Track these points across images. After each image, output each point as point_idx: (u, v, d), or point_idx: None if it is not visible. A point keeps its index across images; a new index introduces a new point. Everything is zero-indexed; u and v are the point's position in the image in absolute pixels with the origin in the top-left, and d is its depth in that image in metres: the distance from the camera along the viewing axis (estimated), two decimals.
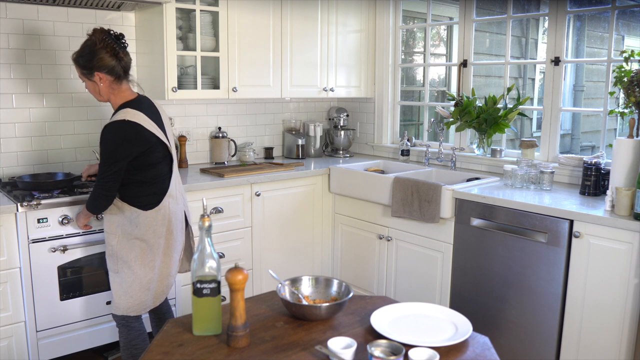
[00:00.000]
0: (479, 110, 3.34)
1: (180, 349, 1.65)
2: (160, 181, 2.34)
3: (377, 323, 1.76)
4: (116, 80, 2.27)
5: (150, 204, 2.30)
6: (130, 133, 2.20)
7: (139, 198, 2.29)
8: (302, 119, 4.15)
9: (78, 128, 3.15)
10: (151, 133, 2.24)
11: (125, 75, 2.29)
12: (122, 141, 2.19)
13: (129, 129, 2.19)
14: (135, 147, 2.21)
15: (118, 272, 2.34)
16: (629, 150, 2.44)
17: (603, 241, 2.35)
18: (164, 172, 2.35)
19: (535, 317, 2.59)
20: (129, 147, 2.19)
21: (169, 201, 2.34)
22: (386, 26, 3.93)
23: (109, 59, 2.22)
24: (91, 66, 2.23)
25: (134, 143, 2.20)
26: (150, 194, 2.31)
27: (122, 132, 2.19)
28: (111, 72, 2.24)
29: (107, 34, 2.25)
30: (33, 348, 2.55)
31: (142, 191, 2.30)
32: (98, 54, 2.22)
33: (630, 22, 4.21)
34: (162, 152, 2.32)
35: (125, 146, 2.19)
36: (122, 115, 2.20)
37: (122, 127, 2.19)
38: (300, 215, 3.46)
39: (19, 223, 2.46)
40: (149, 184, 2.30)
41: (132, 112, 2.22)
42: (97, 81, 2.25)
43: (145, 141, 2.23)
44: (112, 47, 2.23)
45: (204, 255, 1.68)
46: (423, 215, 2.96)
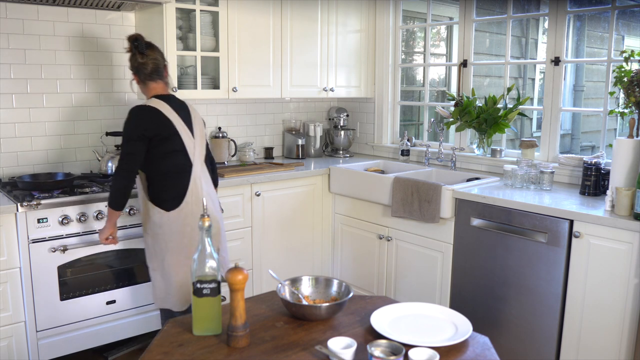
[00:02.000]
0: (479, 110, 3.34)
1: (180, 349, 1.65)
2: (179, 177, 2.44)
3: (377, 323, 1.76)
4: (142, 80, 2.50)
5: (172, 205, 2.42)
6: (148, 115, 2.39)
7: (162, 197, 2.43)
8: (302, 119, 4.15)
9: (78, 128, 3.15)
10: (169, 120, 2.41)
11: (150, 76, 2.49)
12: (139, 121, 2.38)
13: (147, 111, 2.40)
14: (151, 128, 2.37)
15: (155, 269, 2.49)
16: (629, 150, 2.44)
17: (603, 241, 2.35)
18: (181, 165, 2.45)
19: (535, 317, 2.59)
20: (144, 128, 2.36)
21: (191, 200, 2.44)
22: (386, 26, 3.93)
23: (133, 61, 2.48)
24: (130, 67, 2.52)
25: (150, 124, 2.38)
26: (173, 190, 2.43)
27: (140, 113, 2.40)
28: (136, 72, 2.49)
29: (131, 39, 2.47)
30: (33, 348, 2.55)
31: (162, 189, 2.42)
32: (130, 57, 2.49)
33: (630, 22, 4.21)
34: (179, 144, 2.44)
35: (140, 126, 2.37)
36: (146, 102, 2.45)
37: (141, 109, 2.42)
38: (300, 215, 3.46)
39: (19, 223, 2.46)
40: (170, 177, 2.42)
41: (154, 100, 2.45)
42: (133, 80, 2.54)
43: (161, 124, 2.39)
44: (134, 51, 2.47)
45: (204, 255, 1.68)
46: (423, 215, 2.96)
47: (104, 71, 3.20)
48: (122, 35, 3.22)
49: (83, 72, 3.13)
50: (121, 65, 3.25)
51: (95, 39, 3.15)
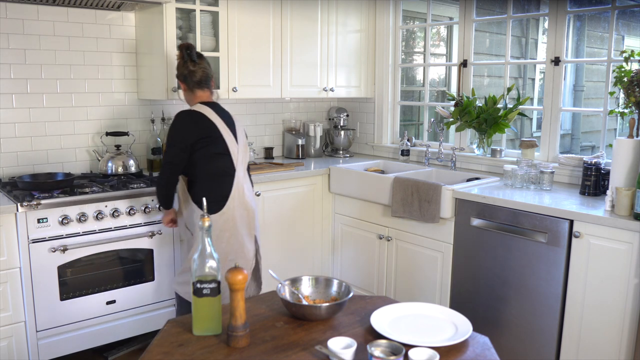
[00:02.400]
0: (479, 110, 3.34)
1: (180, 349, 1.65)
2: (222, 181, 2.49)
3: (377, 323, 1.76)
4: (189, 87, 2.56)
5: (214, 207, 2.45)
6: (192, 119, 2.46)
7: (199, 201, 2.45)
8: (302, 119, 4.15)
9: (78, 128, 3.15)
10: (214, 124, 2.47)
11: (198, 84, 2.56)
12: (184, 125, 2.45)
13: (192, 116, 2.47)
14: (196, 131, 2.43)
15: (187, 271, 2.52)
16: (629, 150, 2.44)
17: (603, 241, 2.35)
18: (225, 169, 2.50)
19: (535, 317, 2.59)
20: (189, 132, 2.43)
21: (233, 205, 2.47)
22: (386, 26, 3.93)
23: (183, 70, 2.55)
24: (176, 76, 2.62)
25: (195, 128, 2.44)
26: (214, 195, 2.47)
27: (185, 118, 2.47)
28: (184, 81, 2.56)
29: (185, 48, 2.55)
30: (33, 348, 2.55)
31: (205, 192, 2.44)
32: (179, 65, 2.57)
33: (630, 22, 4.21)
34: (223, 147, 2.49)
35: (186, 130, 2.44)
36: (191, 107, 2.53)
37: (186, 113, 2.49)
38: (300, 215, 3.46)
39: (19, 223, 2.46)
40: (212, 179, 2.46)
41: (200, 105, 2.51)
42: (181, 87, 2.61)
43: (205, 127, 2.45)
44: (184, 59, 2.55)
45: (204, 255, 1.68)
46: (423, 215, 2.96)
47: (104, 71, 3.20)
48: (122, 36, 3.23)
49: (83, 72, 3.13)
50: (121, 66, 3.25)
51: (95, 39, 3.15)
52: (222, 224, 2.46)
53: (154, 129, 3.36)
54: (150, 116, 3.38)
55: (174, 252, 2.91)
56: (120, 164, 3.04)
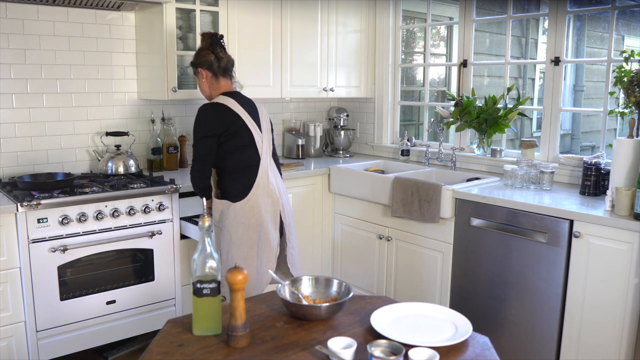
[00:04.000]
0: (479, 110, 3.34)
1: (180, 349, 1.65)
2: (247, 168, 2.52)
3: (377, 323, 1.76)
4: (214, 75, 2.57)
5: (239, 196, 2.49)
6: (216, 112, 2.47)
7: (231, 188, 2.51)
8: (302, 119, 4.15)
9: (78, 128, 3.15)
10: (237, 115, 2.48)
11: (223, 73, 2.58)
12: (210, 118, 2.47)
13: (215, 108, 2.48)
14: (222, 124, 2.45)
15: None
16: (629, 150, 2.44)
17: (603, 241, 2.35)
18: (250, 160, 2.52)
19: (535, 317, 2.59)
20: (215, 124, 2.45)
21: (257, 193, 2.50)
22: (386, 26, 3.93)
23: (209, 56, 2.55)
24: (197, 63, 2.59)
25: (221, 120, 2.46)
26: (240, 183, 2.51)
27: (209, 111, 2.48)
28: (210, 67, 2.56)
29: (212, 35, 2.58)
30: (33, 348, 2.55)
31: (231, 183, 2.51)
32: (202, 52, 2.57)
33: (630, 22, 4.21)
34: (248, 139, 2.51)
35: (211, 123, 2.46)
36: (215, 99, 2.53)
37: (210, 106, 2.50)
38: (300, 215, 3.46)
39: (19, 223, 2.46)
40: (238, 171, 2.50)
41: (223, 97, 2.53)
42: (201, 76, 2.58)
43: (229, 120, 2.47)
44: (213, 46, 2.56)
45: (204, 255, 1.68)
46: (423, 215, 2.95)
47: (104, 71, 3.20)
48: (122, 36, 3.23)
49: (83, 72, 3.13)
50: (121, 66, 3.25)
51: (95, 39, 3.15)
52: (248, 211, 2.50)
53: (154, 129, 3.36)
54: (150, 116, 3.38)
55: (174, 252, 2.91)
56: (120, 164, 3.04)
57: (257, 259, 2.53)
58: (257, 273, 2.53)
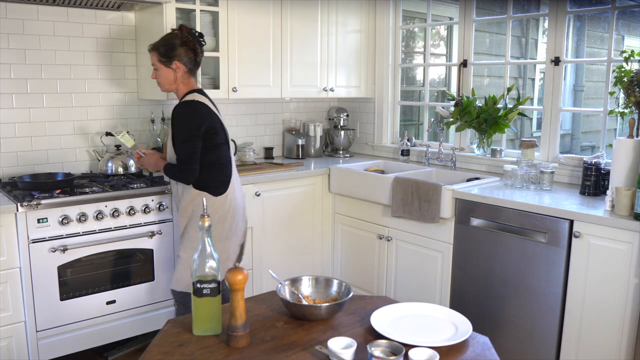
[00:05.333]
0: (479, 110, 3.34)
1: (180, 349, 1.65)
2: (224, 166, 2.56)
3: (377, 323, 1.76)
4: (189, 71, 2.55)
5: (219, 190, 2.53)
6: (199, 110, 2.47)
7: (210, 183, 2.52)
8: (302, 119, 4.15)
9: (78, 128, 3.15)
10: (215, 114, 2.53)
11: (196, 70, 2.59)
12: (192, 117, 2.46)
13: (198, 107, 2.48)
14: (205, 120, 2.46)
15: (183, 251, 2.55)
16: (629, 150, 2.44)
17: (603, 241, 2.35)
18: (226, 155, 2.57)
19: (535, 317, 2.59)
20: (198, 123, 2.44)
21: (234, 188, 2.59)
22: (386, 26, 3.93)
23: (188, 52, 2.51)
24: (172, 55, 2.51)
25: (204, 117, 2.47)
26: (218, 179, 2.54)
27: (192, 109, 2.47)
28: (187, 63, 2.53)
29: (190, 31, 2.54)
30: (33, 348, 2.55)
31: (211, 177, 2.52)
32: (179, 45, 2.50)
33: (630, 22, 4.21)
34: (224, 136, 2.57)
35: (197, 119, 2.45)
36: (190, 97, 2.50)
37: (193, 104, 2.48)
38: (300, 215, 3.46)
39: (19, 223, 2.46)
40: (216, 168, 2.53)
41: (199, 95, 2.52)
42: (174, 69, 2.52)
43: (211, 118, 2.50)
44: (192, 42, 2.52)
45: (204, 255, 1.68)
46: (423, 215, 2.95)
47: (104, 71, 3.20)
48: (122, 36, 3.23)
49: (83, 72, 3.13)
50: (121, 65, 3.25)
51: (95, 39, 3.15)
52: (228, 204, 2.55)
53: (154, 129, 3.36)
54: (150, 116, 3.38)
55: (174, 252, 2.91)
56: (120, 164, 3.05)
57: (225, 249, 2.57)
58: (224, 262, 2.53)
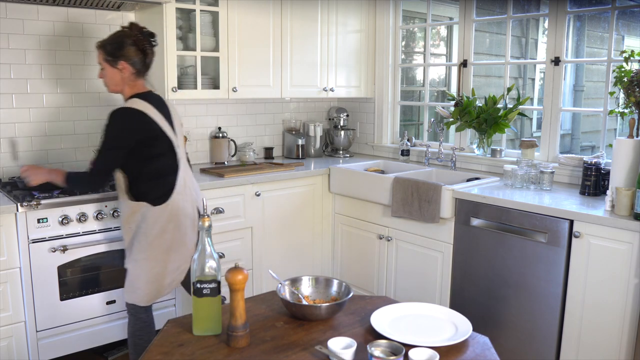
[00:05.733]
0: (479, 110, 3.34)
1: (180, 349, 1.65)
2: (165, 175, 2.40)
3: (377, 323, 1.76)
4: (136, 73, 2.39)
5: (159, 200, 2.36)
6: (134, 120, 2.31)
7: (149, 194, 2.36)
8: (302, 119, 4.15)
9: (78, 128, 3.15)
10: (155, 122, 2.34)
11: (145, 71, 2.44)
12: (125, 127, 2.30)
13: (133, 116, 2.31)
14: (137, 134, 2.30)
15: (130, 263, 2.42)
16: (629, 150, 2.44)
17: (603, 241, 2.35)
18: (168, 165, 2.41)
19: (535, 317, 2.59)
20: (130, 135, 2.30)
21: (177, 198, 2.40)
22: (386, 26, 3.93)
23: (136, 53, 2.37)
24: (118, 54, 2.35)
25: (136, 130, 2.31)
26: (159, 189, 2.38)
27: (127, 118, 2.31)
28: (134, 64, 2.37)
29: (140, 30, 2.41)
30: (33, 348, 2.55)
31: (150, 187, 2.37)
32: (127, 45, 2.36)
33: (630, 22, 4.21)
34: (166, 145, 2.39)
35: (126, 133, 2.30)
36: (129, 104, 2.34)
37: (127, 113, 2.31)
38: (300, 215, 3.46)
39: (19, 223, 2.46)
40: (156, 178, 2.38)
41: (139, 101, 2.34)
42: (120, 69, 2.37)
43: (148, 128, 2.32)
44: (142, 42, 2.39)
45: (204, 255, 1.68)
46: (423, 215, 2.96)
47: None
48: None
49: (83, 72, 3.13)
50: None
51: (95, 39, 3.13)
52: (167, 215, 2.36)
53: None
54: None
55: None
56: None
57: (172, 261, 2.41)
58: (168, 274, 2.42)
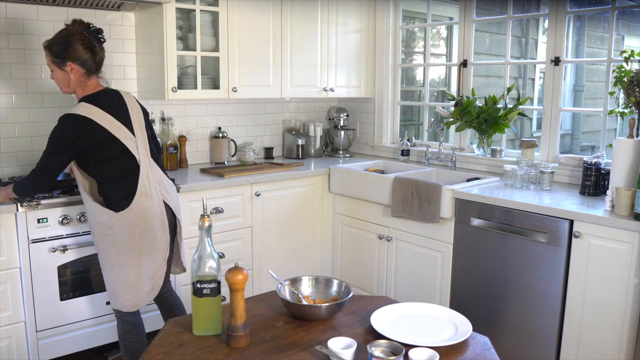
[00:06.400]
0: (479, 110, 3.34)
1: (180, 349, 1.65)
2: (124, 178, 2.29)
3: (377, 323, 1.76)
4: (87, 73, 2.29)
5: (121, 205, 2.26)
6: (77, 127, 2.20)
7: (110, 199, 2.29)
8: (302, 119, 4.15)
9: None
10: (103, 128, 2.22)
11: (97, 70, 2.33)
12: (68, 134, 2.21)
13: (78, 123, 2.20)
14: (81, 140, 2.21)
15: (105, 270, 2.35)
16: (629, 150, 2.44)
17: (603, 241, 2.35)
18: (124, 168, 2.29)
19: (535, 317, 2.59)
20: (72, 141, 2.20)
21: (141, 200, 2.28)
22: (386, 26, 3.93)
23: (84, 52, 2.25)
24: (64, 55, 2.24)
25: (80, 138, 2.21)
26: (119, 193, 2.28)
27: (71, 125, 2.21)
28: (84, 64, 2.26)
29: (86, 26, 2.28)
30: (33, 348, 2.55)
31: (111, 191, 2.29)
32: (73, 44, 2.24)
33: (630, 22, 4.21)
34: (119, 149, 2.27)
35: (69, 140, 2.21)
36: (74, 110, 2.23)
37: (72, 120, 2.21)
38: (300, 215, 3.46)
39: (19, 223, 2.46)
40: (116, 181, 2.29)
41: (86, 106, 2.23)
42: (68, 71, 2.26)
43: (94, 136, 2.22)
44: (89, 40, 2.26)
45: (204, 255, 1.68)
46: (423, 215, 2.96)
47: (104, 71, 3.19)
48: (122, 36, 3.23)
49: None
50: (120, 65, 3.25)
51: None
52: (132, 219, 2.26)
53: (154, 129, 3.35)
54: (150, 116, 3.37)
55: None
56: None
57: (146, 266, 2.31)
58: (146, 280, 2.33)
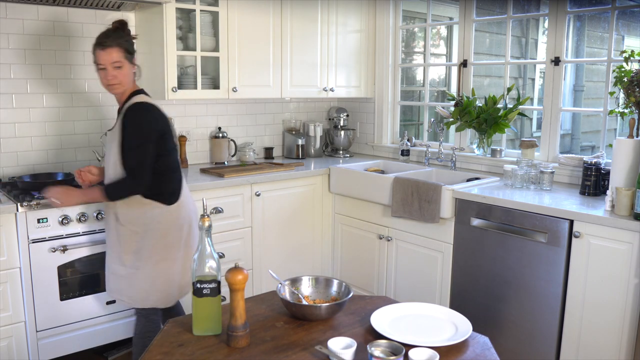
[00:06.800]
0: (479, 110, 3.34)
1: (180, 349, 1.65)
2: (174, 171, 2.38)
3: (377, 323, 1.76)
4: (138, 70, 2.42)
5: (172, 198, 2.35)
6: (163, 116, 2.33)
7: (161, 193, 2.33)
8: (302, 119, 4.15)
9: (78, 128, 3.15)
10: (167, 117, 2.37)
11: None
12: (162, 122, 2.30)
13: (161, 112, 2.33)
14: (163, 124, 2.31)
15: (140, 268, 2.32)
16: (629, 150, 2.44)
17: (603, 241, 2.35)
18: (176, 160, 2.41)
19: (535, 317, 2.59)
20: (155, 128, 2.27)
21: (185, 193, 2.42)
22: (386, 26, 3.93)
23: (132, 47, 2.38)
24: (133, 50, 2.36)
25: (159, 121, 2.30)
26: (170, 187, 2.36)
27: (159, 114, 2.31)
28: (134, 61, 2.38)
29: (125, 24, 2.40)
30: (33, 348, 2.55)
31: (162, 185, 2.34)
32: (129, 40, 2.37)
33: (630, 22, 4.21)
34: (174, 140, 2.43)
35: (157, 124, 2.28)
36: (142, 99, 2.31)
37: (157, 109, 2.31)
38: (300, 215, 3.46)
39: (19, 223, 2.46)
40: (165, 175, 2.35)
41: (148, 97, 2.36)
42: (131, 66, 2.34)
43: (166, 122, 2.34)
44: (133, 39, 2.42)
45: (204, 255, 1.68)
46: (423, 215, 2.95)
47: None
48: None
49: (83, 72, 3.13)
50: None
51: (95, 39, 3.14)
52: (184, 212, 2.37)
53: None
54: None
55: None
56: None
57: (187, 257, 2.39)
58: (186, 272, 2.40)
